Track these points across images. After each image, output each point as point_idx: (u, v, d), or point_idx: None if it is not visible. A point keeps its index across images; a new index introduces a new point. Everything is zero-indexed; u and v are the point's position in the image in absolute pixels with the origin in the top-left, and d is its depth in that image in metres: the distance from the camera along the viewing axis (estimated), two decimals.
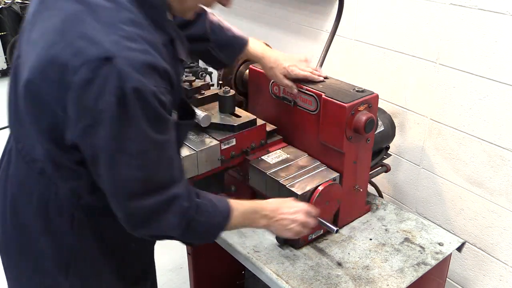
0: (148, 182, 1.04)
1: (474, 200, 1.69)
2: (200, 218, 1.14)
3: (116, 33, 0.96)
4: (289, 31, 2.26)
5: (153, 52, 0.99)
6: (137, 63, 0.95)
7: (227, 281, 2.19)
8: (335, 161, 1.50)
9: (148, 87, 0.96)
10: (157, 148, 1.03)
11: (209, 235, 1.21)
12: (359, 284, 1.36)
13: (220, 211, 1.19)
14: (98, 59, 0.93)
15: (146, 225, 1.09)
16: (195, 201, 1.14)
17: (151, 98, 0.97)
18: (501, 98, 1.52)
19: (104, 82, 0.93)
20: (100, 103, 0.94)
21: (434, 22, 1.64)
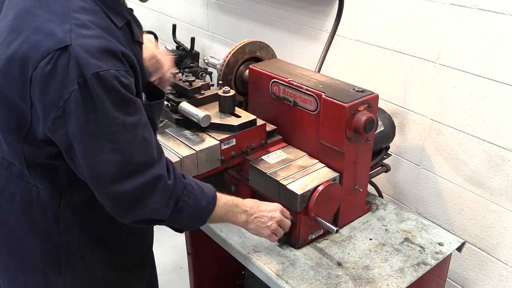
0: (126, 164, 1.04)
1: (474, 200, 1.69)
2: (188, 199, 1.15)
3: (69, 22, 0.96)
4: (289, 31, 2.26)
5: (107, 37, 1.00)
6: (92, 49, 0.95)
7: (227, 281, 2.19)
8: (335, 161, 1.50)
9: (108, 71, 0.97)
10: (128, 130, 1.03)
11: (197, 218, 1.22)
12: (359, 284, 1.36)
13: (206, 194, 1.21)
14: (54, 50, 0.93)
15: (134, 210, 1.09)
16: (182, 181, 1.15)
17: (113, 82, 0.98)
18: (501, 98, 1.52)
19: (64, 72, 0.94)
20: (64, 93, 0.95)
21: (434, 22, 1.64)
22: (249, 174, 1.56)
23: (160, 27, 3.31)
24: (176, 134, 1.53)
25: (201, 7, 2.85)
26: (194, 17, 2.95)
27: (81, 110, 0.96)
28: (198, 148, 1.45)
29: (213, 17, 2.77)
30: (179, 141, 1.50)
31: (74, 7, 0.98)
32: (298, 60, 2.21)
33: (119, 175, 1.04)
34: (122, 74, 1.00)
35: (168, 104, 1.57)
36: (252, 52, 1.81)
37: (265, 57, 1.85)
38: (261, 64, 1.73)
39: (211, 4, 2.75)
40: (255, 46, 1.82)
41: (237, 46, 1.77)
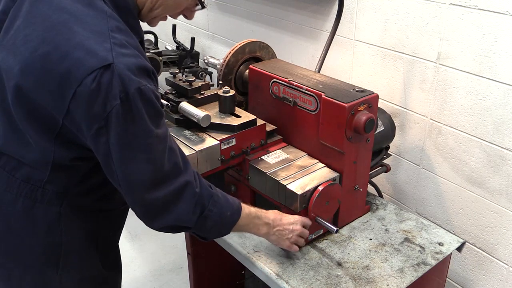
0: (158, 173, 1.10)
1: (474, 200, 1.69)
2: (213, 208, 1.20)
3: (108, 41, 1.02)
4: (289, 31, 2.26)
5: (140, 55, 1.07)
6: (132, 67, 1.03)
7: (227, 281, 2.19)
8: (335, 161, 1.50)
9: (147, 87, 1.05)
10: (160, 141, 1.10)
11: (221, 227, 1.27)
12: (359, 284, 1.36)
13: (231, 205, 1.26)
14: (99, 68, 0.99)
15: (163, 216, 1.15)
16: (208, 190, 1.21)
17: (151, 96, 1.06)
18: (501, 98, 1.52)
19: (108, 88, 0.99)
20: (107, 107, 1.00)
21: (434, 22, 1.64)
22: (249, 174, 1.56)
23: (160, 27, 3.30)
24: (176, 134, 1.53)
25: None
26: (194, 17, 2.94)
27: (122, 122, 1.02)
28: (198, 148, 1.45)
29: (213, 17, 2.78)
30: (179, 141, 1.50)
31: (111, 26, 1.05)
32: (298, 60, 2.21)
33: (151, 184, 1.10)
34: (156, 90, 1.09)
35: (168, 104, 1.57)
36: (252, 52, 1.81)
37: (265, 57, 1.85)
38: (261, 64, 1.73)
39: (211, 4, 2.75)
40: (255, 46, 1.82)
41: (237, 46, 1.77)
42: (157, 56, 2.55)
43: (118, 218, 1.37)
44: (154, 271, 2.76)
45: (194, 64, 2.71)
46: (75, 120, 1.05)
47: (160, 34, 3.02)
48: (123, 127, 1.03)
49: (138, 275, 2.71)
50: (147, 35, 2.93)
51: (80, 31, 1.02)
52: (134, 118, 1.03)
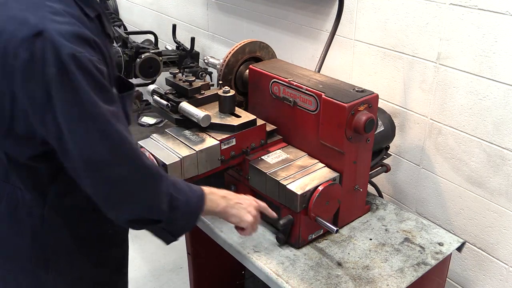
0: (116, 149, 1.04)
1: (474, 200, 1.69)
2: (179, 196, 1.14)
3: (42, 9, 0.99)
4: (289, 31, 2.26)
5: (79, 25, 1.02)
6: (66, 33, 0.97)
7: (227, 281, 2.19)
8: (335, 161, 1.50)
9: (84, 55, 0.99)
10: (111, 117, 1.03)
11: (190, 217, 1.20)
12: (359, 284, 1.36)
13: (194, 191, 1.21)
14: (30, 36, 0.95)
15: (127, 203, 1.09)
16: (171, 178, 1.15)
17: (89, 66, 0.99)
18: (501, 98, 1.52)
19: (42, 56, 0.96)
20: (45, 77, 0.96)
21: (434, 22, 1.64)
22: (249, 174, 1.56)
23: (160, 27, 3.31)
24: (176, 134, 1.53)
25: (201, 7, 2.85)
26: (194, 17, 2.95)
27: (63, 93, 0.97)
28: (198, 148, 1.45)
29: (213, 17, 2.77)
30: (179, 141, 1.50)
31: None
32: (298, 60, 2.21)
33: (110, 160, 1.04)
34: (96, 61, 1.02)
35: (168, 104, 1.57)
36: (252, 52, 1.81)
37: (265, 57, 1.85)
38: (261, 64, 1.73)
39: (211, 4, 2.75)
40: (255, 46, 1.82)
41: (237, 46, 1.77)
42: (157, 56, 2.55)
43: None
44: (154, 271, 2.76)
45: (194, 64, 2.71)
46: (21, 103, 1.01)
47: (160, 34, 3.02)
48: (66, 99, 0.98)
49: (138, 275, 2.71)
50: (147, 35, 2.93)
51: (14, 6, 1.00)
52: (74, 87, 0.97)
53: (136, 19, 3.68)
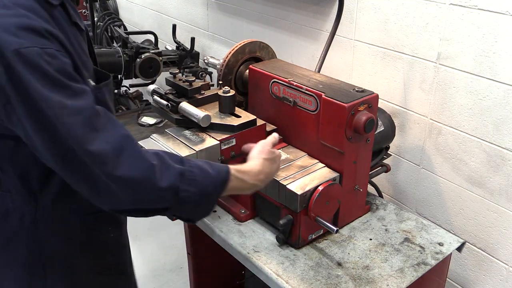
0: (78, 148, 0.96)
1: (474, 200, 1.69)
2: (189, 188, 1.06)
3: None
4: (289, 31, 2.26)
5: (30, 15, 0.95)
6: (10, 26, 0.91)
7: (227, 281, 2.19)
8: (335, 161, 1.50)
9: (30, 48, 0.91)
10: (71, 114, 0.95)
11: (206, 205, 1.13)
12: (359, 284, 1.36)
13: (214, 176, 1.12)
14: None
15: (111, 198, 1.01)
16: (176, 168, 1.06)
17: (37, 60, 0.92)
18: (501, 98, 1.52)
19: None
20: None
21: (434, 22, 1.64)
22: None
23: (160, 27, 3.31)
24: (176, 134, 1.53)
25: (201, 7, 2.85)
26: (194, 17, 2.95)
27: (15, 92, 0.92)
28: (198, 148, 1.45)
29: (213, 17, 2.77)
30: (179, 141, 1.50)
31: None
32: (298, 60, 2.21)
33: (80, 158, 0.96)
34: (50, 53, 0.94)
35: (168, 104, 1.57)
36: (252, 52, 1.81)
37: (265, 57, 1.85)
38: (261, 64, 1.73)
39: (211, 4, 2.75)
40: (255, 46, 1.82)
41: (237, 46, 1.77)
42: (157, 56, 2.55)
43: (113, 217, 1.30)
44: (154, 271, 2.76)
45: (194, 64, 2.71)
46: None
47: (160, 34, 3.02)
48: (20, 98, 0.92)
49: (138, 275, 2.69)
50: (147, 35, 2.93)
51: None
52: (23, 85, 0.90)
53: (136, 19, 3.68)
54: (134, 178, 1.00)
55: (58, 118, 0.94)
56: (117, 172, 0.98)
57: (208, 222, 1.61)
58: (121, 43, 2.68)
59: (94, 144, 0.97)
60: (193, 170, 1.08)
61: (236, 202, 1.67)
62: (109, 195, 1.00)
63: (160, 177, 1.02)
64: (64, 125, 0.94)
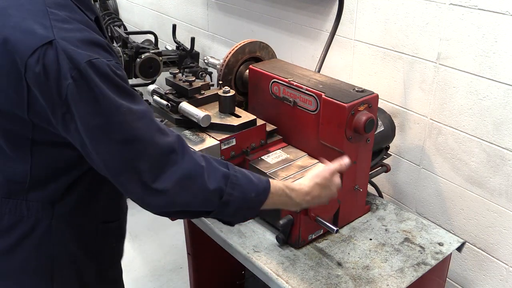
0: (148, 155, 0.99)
1: (474, 200, 1.69)
2: (233, 191, 1.08)
3: (47, 17, 0.94)
4: (289, 31, 2.26)
5: (88, 30, 0.97)
6: (78, 41, 0.93)
7: (227, 281, 2.19)
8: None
9: (100, 60, 0.94)
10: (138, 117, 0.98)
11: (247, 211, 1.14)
12: (359, 284, 1.36)
13: (256, 185, 1.13)
14: (40, 47, 0.90)
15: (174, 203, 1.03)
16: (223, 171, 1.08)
17: (107, 70, 0.94)
18: (501, 98, 1.52)
19: (56, 68, 0.91)
20: (62, 89, 0.91)
21: (434, 22, 1.64)
22: None
23: (160, 27, 3.31)
24: None
25: (201, 7, 2.85)
26: (194, 17, 2.95)
27: (82, 103, 0.93)
28: (198, 148, 1.45)
29: (213, 17, 2.77)
30: None
31: (48, 3, 0.96)
32: (298, 60, 2.21)
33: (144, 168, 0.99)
34: (114, 65, 0.97)
35: (168, 104, 1.57)
36: (252, 52, 1.81)
37: (265, 57, 1.85)
38: (261, 64, 1.73)
39: (211, 4, 2.75)
40: (255, 46, 1.82)
41: (237, 46, 1.77)
42: (157, 56, 2.55)
43: (119, 228, 1.31)
44: (154, 271, 2.76)
45: (194, 64, 2.71)
46: (40, 113, 0.97)
47: (160, 34, 3.02)
48: (86, 109, 0.93)
49: (138, 275, 2.71)
50: (147, 35, 2.93)
51: (14, 14, 0.94)
52: (94, 95, 0.92)
53: (136, 19, 3.68)
54: (189, 176, 1.03)
55: (128, 124, 0.96)
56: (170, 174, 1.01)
57: (208, 222, 1.61)
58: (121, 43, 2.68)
59: (160, 143, 1.00)
60: (237, 175, 1.10)
61: None
62: (159, 198, 1.02)
63: (208, 179, 1.05)
64: (135, 129, 0.97)
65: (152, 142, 0.99)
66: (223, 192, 1.06)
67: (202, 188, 1.04)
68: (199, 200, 1.06)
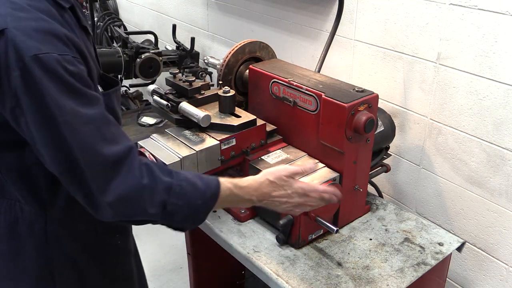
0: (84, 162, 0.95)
1: (474, 200, 1.69)
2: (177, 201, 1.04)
3: (6, 5, 0.92)
4: (289, 31, 2.26)
5: (48, 19, 0.93)
6: (31, 31, 0.89)
7: (227, 281, 2.19)
8: (335, 161, 1.50)
9: (49, 55, 0.90)
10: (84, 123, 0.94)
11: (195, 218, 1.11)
12: (359, 284, 1.36)
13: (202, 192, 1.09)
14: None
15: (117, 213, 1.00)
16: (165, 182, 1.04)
17: (55, 66, 0.90)
18: (501, 98, 1.52)
19: (5, 58, 0.89)
20: (11, 80, 0.89)
21: (434, 22, 1.64)
22: (249, 174, 1.56)
23: (160, 27, 3.31)
24: (176, 134, 1.53)
25: (201, 7, 2.85)
26: (194, 17, 2.95)
27: (29, 97, 0.90)
28: (198, 148, 1.45)
29: (213, 17, 2.77)
30: (179, 141, 1.50)
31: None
32: (298, 60, 2.21)
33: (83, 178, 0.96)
34: (68, 60, 0.93)
35: (168, 104, 1.57)
36: (252, 52, 1.81)
37: (265, 57, 1.85)
38: (261, 64, 1.73)
39: (211, 4, 2.75)
40: (255, 46, 1.82)
41: (237, 46, 1.77)
42: (157, 56, 2.55)
43: (121, 225, 1.30)
44: (154, 271, 2.76)
45: (194, 64, 2.71)
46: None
47: (160, 34, 3.02)
48: (29, 103, 0.90)
49: None
50: (147, 35, 2.93)
51: None
52: (37, 90, 0.89)
53: (136, 19, 3.68)
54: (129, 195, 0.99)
55: (69, 126, 0.93)
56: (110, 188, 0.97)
57: (208, 222, 1.61)
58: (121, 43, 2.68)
59: (103, 153, 0.96)
60: (181, 184, 1.06)
61: None
62: (101, 207, 0.99)
63: (149, 197, 1.01)
64: (74, 133, 0.93)
65: (93, 151, 0.95)
66: (166, 203, 1.03)
67: (142, 209, 1.02)
68: (139, 214, 1.03)
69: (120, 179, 0.98)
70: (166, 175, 1.05)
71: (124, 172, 0.99)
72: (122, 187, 0.98)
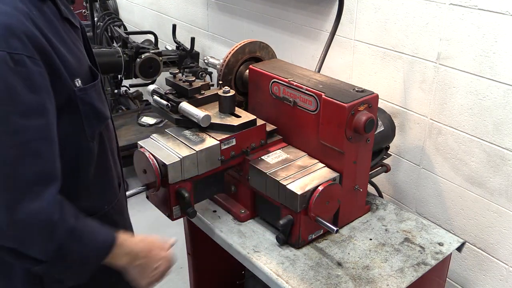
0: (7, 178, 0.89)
1: (474, 200, 1.69)
2: (73, 246, 0.98)
3: None
4: (289, 31, 2.26)
5: (10, 12, 0.89)
6: None
7: (227, 281, 2.19)
8: (335, 161, 1.50)
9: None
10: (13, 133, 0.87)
11: (83, 269, 1.04)
12: (359, 284, 1.36)
13: (100, 242, 1.04)
14: None
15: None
16: (70, 223, 0.97)
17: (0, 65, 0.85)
18: (501, 98, 1.52)
19: None
20: None
21: (434, 22, 1.64)
22: (249, 174, 1.56)
23: (160, 27, 3.31)
24: (176, 134, 1.53)
25: (201, 7, 2.85)
26: (194, 17, 2.95)
27: None
28: (198, 148, 1.45)
29: (213, 17, 2.78)
30: (179, 141, 1.50)
31: None
32: (298, 60, 2.21)
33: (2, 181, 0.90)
34: (17, 59, 0.87)
35: (168, 104, 1.57)
36: (252, 52, 1.81)
37: (265, 57, 1.85)
38: (261, 64, 1.73)
39: (211, 4, 2.75)
40: (255, 46, 1.82)
41: (237, 46, 1.77)
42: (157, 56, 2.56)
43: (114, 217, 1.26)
44: None
45: (194, 64, 2.71)
46: None
47: (160, 34, 3.02)
48: None
49: None
50: (147, 35, 2.94)
51: None
52: None
53: (136, 19, 3.68)
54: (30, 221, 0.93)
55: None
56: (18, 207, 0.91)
57: (208, 222, 1.61)
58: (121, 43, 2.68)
59: (21, 170, 0.90)
60: (84, 230, 1.01)
61: (236, 202, 1.67)
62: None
63: (49, 234, 0.95)
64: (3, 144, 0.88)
65: (10, 165, 0.89)
66: (62, 243, 0.97)
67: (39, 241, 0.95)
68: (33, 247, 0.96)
69: (32, 202, 0.92)
70: (72, 216, 1.00)
71: (39, 197, 0.92)
72: (31, 211, 0.91)
